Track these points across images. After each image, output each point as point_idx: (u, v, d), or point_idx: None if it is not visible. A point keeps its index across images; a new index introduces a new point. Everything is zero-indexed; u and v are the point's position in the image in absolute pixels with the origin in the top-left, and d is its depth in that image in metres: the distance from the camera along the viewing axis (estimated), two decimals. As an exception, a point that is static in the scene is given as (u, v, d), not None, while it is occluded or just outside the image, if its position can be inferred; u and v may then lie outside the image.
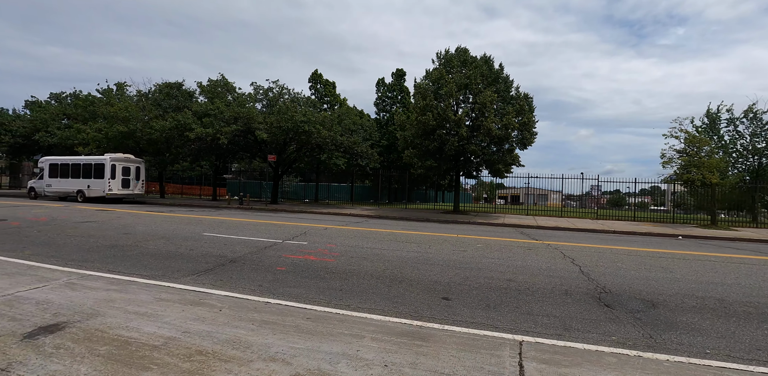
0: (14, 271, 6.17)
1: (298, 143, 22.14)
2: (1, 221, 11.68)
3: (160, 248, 8.37)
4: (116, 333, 3.91)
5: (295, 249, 8.62)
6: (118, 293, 5.17)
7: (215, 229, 11.51)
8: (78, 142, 25.19)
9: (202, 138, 20.53)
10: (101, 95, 29.57)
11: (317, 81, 30.98)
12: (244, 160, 29.91)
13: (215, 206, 22.51)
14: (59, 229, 10.57)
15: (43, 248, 7.99)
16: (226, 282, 5.95)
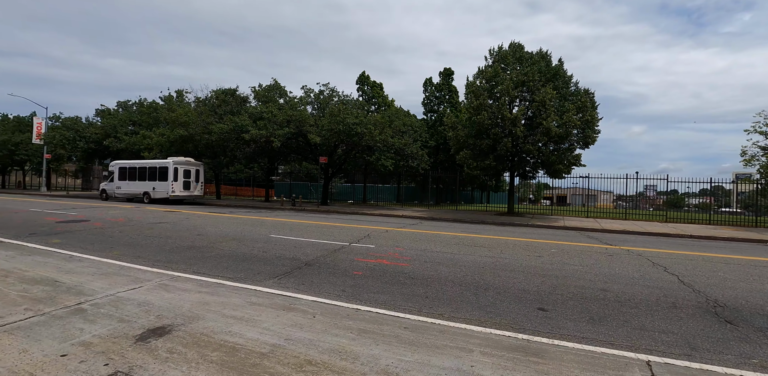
0: (109, 271, 6.46)
1: (349, 145, 22.26)
2: (85, 222, 12.48)
3: (234, 249, 8.54)
4: (221, 338, 3.90)
5: (364, 252, 8.51)
6: (210, 296, 5.24)
7: (280, 231, 11.68)
8: (143, 146, 26.75)
9: (257, 140, 21.12)
10: (163, 102, 31.29)
11: (364, 83, 31.13)
12: (294, 162, 30.56)
13: (269, 207, 23.09)
14: (137, 230, 11.11)
15: (128, 249, 8.37)
16: (309, 286, 5.89)
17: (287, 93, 25.04)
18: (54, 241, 9.06)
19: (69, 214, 15.04)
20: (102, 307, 4.73)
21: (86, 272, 6.31)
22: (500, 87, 19.16)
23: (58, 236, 9.80)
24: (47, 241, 9.04)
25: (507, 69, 20.99)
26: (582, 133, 18.67)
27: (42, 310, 4.57)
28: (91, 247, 8.45)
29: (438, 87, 31.90)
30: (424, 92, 32.27)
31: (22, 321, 4.25)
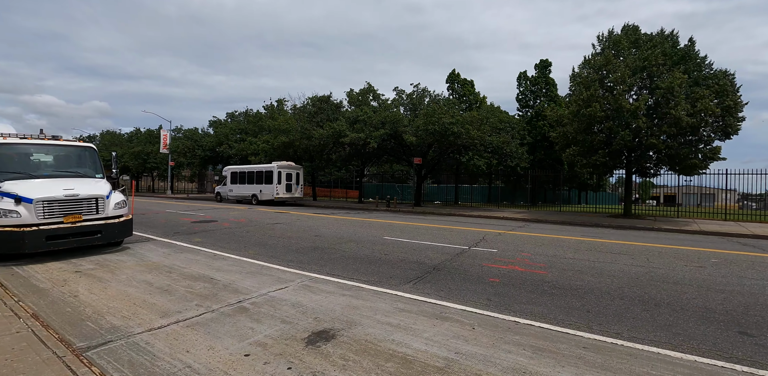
0: (252, 270, 6.84)
1: (444, 145, 21.84)
2: (213, 222, 13.72)
3: (355, 251, 8.62)
4: (388, 347, 3.76)
5: (489, 257, 8.04)
6: (356, 300, 5.21)
7: (390, 233, 11.67)
8: (250, 152, 29.09)
9: (355, 143, 21.69)
10: (265, 111, 33.77)
11: (454, 81, 30.46)
12: (385, 163, 30.95)
13: (364, 208, 23.56)
14: (260, 230, 11.87)
15: (260, 248, 8.89)
16: (449, 293, 5.61)
17: (380, 96, 25.43)
18: (196, 239, 9.99)
19: (198, 214, 16.73)
20: (261, 306, 4.92)
21: (233, 271, 6.75)
22: (614, 75, 17.29)
23: (197, 235, 10.81)
24: (190, 239, 10.00)
25: (620, 55, 18.92)
26: (720, 121, 16.06)
27: (210, 307, 4.89)
28: (227, 246, 9.14)
29: (534, 80, 30.04)
30: (518, 87, 30.60)
31: (197, 317, 4.55)
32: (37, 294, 5.34)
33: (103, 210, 8.15)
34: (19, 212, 7.12)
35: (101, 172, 9.14)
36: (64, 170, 8.60)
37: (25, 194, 7.22)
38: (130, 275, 6.41)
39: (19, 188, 7.34)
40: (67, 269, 6.74)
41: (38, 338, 3.62)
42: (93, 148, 9.30)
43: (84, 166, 9.00)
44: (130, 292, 5.49)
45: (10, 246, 6.95)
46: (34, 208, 7.22)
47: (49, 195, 7.41)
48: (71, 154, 8.95)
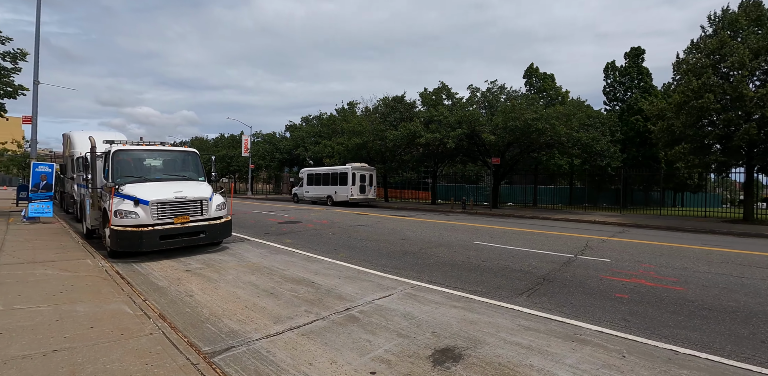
0: (350, 275, 6.70)
1: (525, 143, 20.62)
2: (298, 223, 14.07)
3: (449, 257, 8.19)
4: (530, 375, 3.28)
5: (605, 268, 7.18)
6: (470, 313, 4.79)
7: (479, 237, 11.08)
8: (324, 154, 29.87)
9: (431, 143, 21.26)
10: (337, 114, 34.56)
11: (532, 75, 28.81)
12: (459, 164, 30.11)
13: (438, 210, 23.01)
14: (344, 232, 11.89)
15: (350, 251, 8.80)
16: (574, 310, 4.96)
17: (454, 94, 24.75)
18: (286, 240, 10.20)
19: (282, 215, 17.35)
20: (370, 316, 4.68)
21: (332, 275, 6.65)
22: (731, 59, 15.05)
23: (287, 236, 11.05)
24: (281, 240, 10.23)
25: (738, 36, 16.49)
26: None
27: (320, 314, 4.74)
28: (318, 248, 9.17)
29: (623, 71, 27.41)
30: (606, 78, 28.11)
31: (309, 325, 4.41)
32: (157, 292, 5.59)
33: (207, 211, 8.55)
34: (138, 213, 7.66)
35: (203, 176, 9.64)
36: (172, 174, 9.18)
37: (142, 196, 7.76)
38: (235, 275, 6.56)
39: (136, 191, 7.91)
40: (178, 268, 7.09)
41: (170, 342, 3.65)
42: (195, 153, 9.85)
43: (188, 170, 9.55)
44: (239, 294, 5.55)
45: (130, 244, 7.49)
46: (150, 209, 7.73)
47: (162, 197, 7.90)
48: (177, 158, 9.54)
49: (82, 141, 16.70)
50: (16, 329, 3.81)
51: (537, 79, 28.63)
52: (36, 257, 7.02)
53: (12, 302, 4.53)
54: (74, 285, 5.34)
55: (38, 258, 6.97)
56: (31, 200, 12.42)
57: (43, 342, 3.53)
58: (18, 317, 4.13)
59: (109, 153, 8.54)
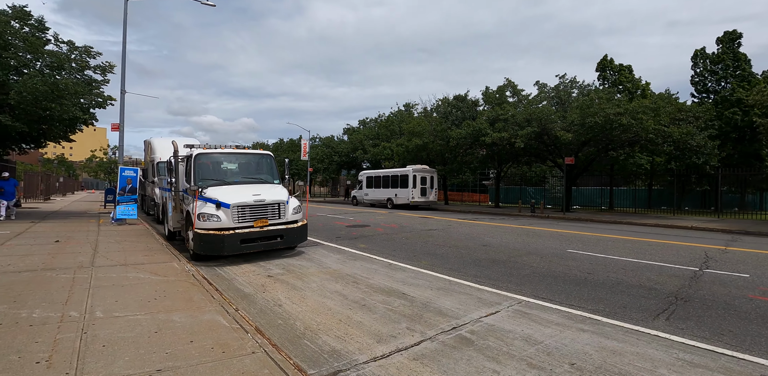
0: (441, 285, 6.10)
1: (604, 141, 18.93)
2: (367, 226, 13.73)
3: (546, 267, 7.35)
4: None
5: (749, 286, 6.02)
6: (604, 339, 4.00)
7: (569, 244, 10.06)
8: (383, 157, 29.62)
9: (497, 143, 20.18)
10: (394, 116, 34.24)
11: (606, 68, 26.65)
12: (525, 164, 28.53)
13: (505, 213, 21.79)
14: (418, 236, 11.33)
15: (432, 258, 8.21)
16: (738, 340, 4.02)
17: (520, 91, 23.42)
18: (360, 245, 9.82)
19: (348, 218, 17.17)
20: (485, 338, 4.04)
21: (421, 285, 6.09)
22: None
23: (359, 240, 10.69)
24: (355, 245, 9.87)
25: None
26: None
27: (425, 333, 4.18)
28: (396, 254, 8.67)
29: (715, 58, 24.50)
30: (694, 68, 25.31)
31: (418, 346, 3.86)
32: (245, 300, 5.33)
33: (284, 215, 8.36)
34: (219, 216, 7.59)
35: (278, 178, 9.52)
36: (249, 177, 9.13)
37: (224, 199, 7.69)
38: (319, 283, 6.20)
39: (217, 194, 7.86)
40: (259, 273, 6.88)
41: (275, 363, 3.26)
42: (270, 156, 9.76)
43: (263, 173, 9.47)
44: (329, 304, 5.15)
45: (213, 248, 7.42)
46: (231, 212, 7.64)
47: (242, 200, 7.79)
48: (253, 161, 9.49)
49: (162, 147, 17.61)
50: (117, 341, 3.61)
51: (612, 72, 26.44)
52: (127, 259, 7.13)
53: (111, 309, 4.41)
54: (166, 291, 5.22)
55: (129, 260, 7.07)
56: (118, 203, 13.11)
57: (146, 359, 3.26)
58: (118, 326, 3.97)
59: (191, 157, 8.62)
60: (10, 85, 12.86)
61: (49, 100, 12.84)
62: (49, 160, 52.87)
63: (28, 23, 14.14)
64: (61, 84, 13.18)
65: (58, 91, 13.23)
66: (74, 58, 14.54)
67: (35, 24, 14.29)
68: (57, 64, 13.79)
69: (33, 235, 9.89)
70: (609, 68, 26.57)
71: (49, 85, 12.75)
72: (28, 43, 13.09)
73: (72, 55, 14.61)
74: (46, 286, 5.21)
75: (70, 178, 55.19)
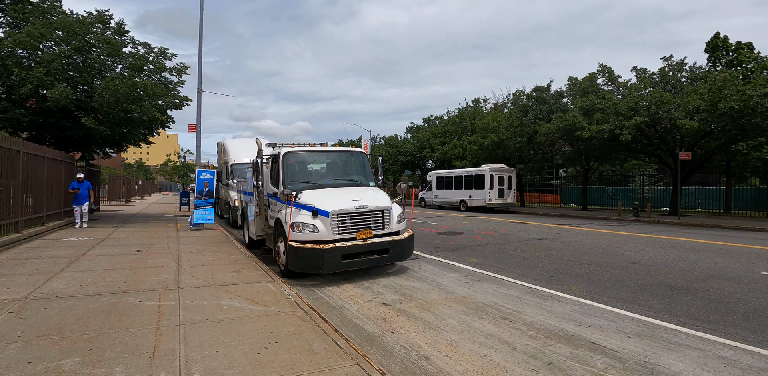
0: (637, 330, 4.27)
1: (736, 131, 15.80)
2: (460, 234, 12.07)
3: (760, 299, 5.26)
4: None
5: None
6: None
7: (753, 262, 7.76)
8: (454, 156, 27.73)
9: (596, 136, 17.62)
10: (466, 112, 32.16)
11: (718, 47, 22.81)
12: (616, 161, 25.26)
13: (601, 216, 19.07)
14: (533, 248, 9.50)
15: (578, 281, 6.38)
16: None
17: (617, 78, 20.50)
18: (471, 259, 8.18)
19: (431, 223, 15.61)
20: None
21: (606, 327, 4.33)
22: None
23: (464, 252, 9.06)
24: (463, 258, 8.26)
25: None
26: None
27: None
28: (526, 273, 6.95)
29: None
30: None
31: None
32: (374, 345, 3.91)
33: (389, 224, 6.93)
34: (317, 227, 6.31)
35: (372, 180, 8.14)
36: (341, 178, 7.83)
37: (321, 206, 6.40)
38: (458, 318, 4.66)
39: (313, 199, 6.59)
40: (371, 299, 5.48)
41: None
42: (363, 153, 8.42)
43: (356, 173, 8.12)
44: (496, 360, 3.58)
45: (310, 264, 6.15)
46: (330, 222, 6.33)
47: (342, 207, 6.46)
48: (344, 160, 8.18)
49: (236, 148, 17.09)
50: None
51: (726, 52, 22.58)
52: (215, 277, 6.04)
53: (214, 368, 3.13)
54: (275, 333, 3.91)
55: (217, 279, 5.97)
56: (195, 207, 12.52)
57: None
58: (228, 405, 2.65)
59: (279, 156, 7.47)
60: (93, 89, 12.72)
61: (130, 102, 12.53)
62: (129, 165, 56.68)
63: (110, 27, 14.08)
64: (140, 85, 12.87)
65: (138, 93, 12.94)
66: (151, 60, 14.31)
67: (116, 27, 14.20)
68: (137, 65, 13.54)
69: (115, 242, 9.31)
70: (723, 47, 22.72)
71: (130, 86, 12.44)
72: (110, 46, 12.90)
73: (149, 57, 14.40)
74: (128, 321, 4.11)
75: (148, 181, 58.83)
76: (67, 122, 13.22)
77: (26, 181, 9.60)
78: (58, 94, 10.89)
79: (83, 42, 12.56)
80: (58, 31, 12.12)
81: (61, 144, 14.26)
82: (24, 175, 9.35)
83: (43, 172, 10.72)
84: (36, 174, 10.34)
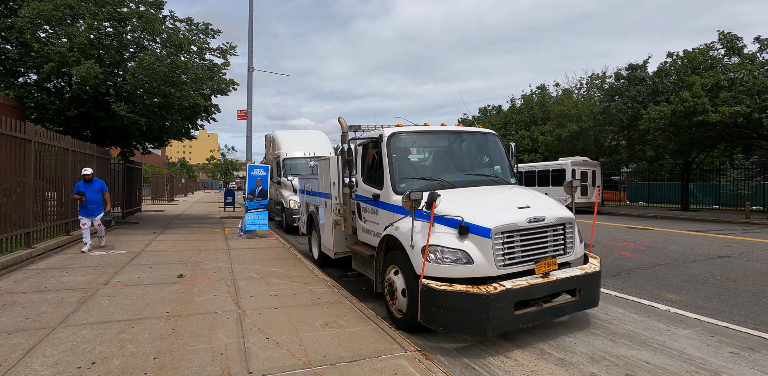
0: None
1: None
2: (587, 247, 9.17)
3: None
4: None
5: None
6: None
7: None
8: (522, 148, 24.51)
9: (724, 122, 14.10)
10: (523, 101, 28.78)
11: None
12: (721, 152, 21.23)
13: (721, 219, 15.46)
14: (739, 273, 6.51)
15: None
16: None
17: (741, 48, 16.67)
18: (668, 296, 5.35)
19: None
20: None
21: None
22: None
23: (634, 280, 6.23)
24: (652, 293, 5.44)
25: None
26: None
27: None
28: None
29: None
30: None
31: None
32: None
33: (572, 246, 4.25)
34: (469, 254, 3.71)
35: (514, 175, 5.46)
36: (472, 173, 5.20)
37: (473, 218, 3.79)
38: None
39: (455, 207, 3.99)
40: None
41: None
42: (496, 136, 5.74)
43: (489, 165, 5.49)
44: None
45: (464, 322, 3.54)
46: (494, 245, 3.70)
47: (510, 220, 3.82)
48: (471, 146, 5.55)
49: (289, 140, 14.77)
50: None
51: None
52: (304, 343, 3.54)
53: None
54: None
55: (308, 345, 3.47)
56: (247, 210, 10.31)
57: None
58: None
59: (381, 139, 4.92)
60: (126, 69, 10.74)
61: (168, 84, 10.46)
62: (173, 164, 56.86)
63: (146, 1, 12.10)
64: (181, 65, 10.79)
65: (178, 75, 10.88)
66: (193, 39, 12.22)
67: (151, 0, 12.20)
68: (176, 43, 11.47)
69: (151, 259, 7.13)
70: None
71: (167, 65, 10.37)
72: (144, 20, 10.85)
73: (191, 36, 12.34)
74: None
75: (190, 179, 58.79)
76: (99, 112, 11.36)
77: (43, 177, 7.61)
78: (84, 72, 8.89)
79: (114, 14, 10.58)
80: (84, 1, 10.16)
81: (96, 138, 12.47)
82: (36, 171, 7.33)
83: (67, 169, 8.74)
84: (57, 170, 8.38)
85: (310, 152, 13.83)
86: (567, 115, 21.23)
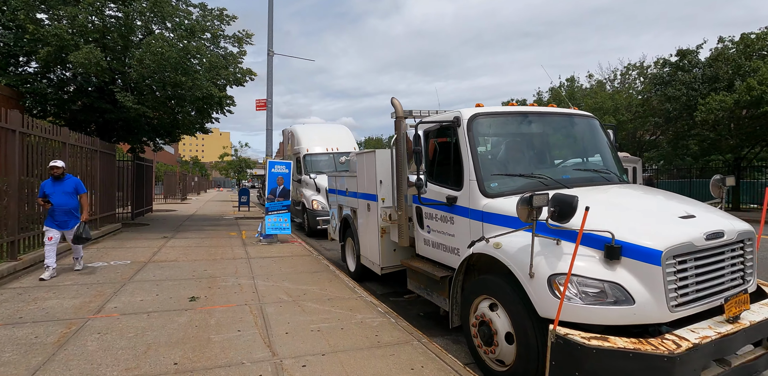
0: None
1: None
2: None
3: None
4: None
5: None
6: None
7: None
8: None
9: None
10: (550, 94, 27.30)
11: None
12: None
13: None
14: None
15: None
16: None
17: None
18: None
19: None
20: None
21: None
22: None
23: None
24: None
25: None
26: None
27: None
28: None
29: None
30: None
31: None
32: None
33: (752, 273, 2.96)
34: (626, 289, 2.45)
35: (622, 171, 4.18)
36: (581, 168, 3.93)
37: (626, 235, 2.52)
38: None
39: (603, 219, 2.70)
40: None
41: None
42: (597, 121, 4.45)
43: (592, 156, 4.22)
44: None
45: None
46: (665, 274, 2.43)
47: (683, 237, 2.55)
48: (571, 133, 4.29)
49: (309, 136, 13.48)
50: None
51: None
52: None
53: None
54: None
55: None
56: (267, 212, 9.16)
57: None
58: None
59: (459, 123, 3.67)
60: (132, 55, 9.64)
61: (179, 72, 9.35)
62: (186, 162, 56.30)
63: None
64: (193, 51, 9.67)
65: (190, 61, 9.78)
66: (207, 25, 11.09)
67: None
68: (188, 27, 10.34)
69: (158, 273, 6.00)
70: None
71: (178, 50, 9.25)
72: (153, 0, 9.73)
73: (205, 21, 11.21)
74: None
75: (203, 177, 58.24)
76: (104, 103, 10.30)
77: (35, 176, 6.52)
78: (83, 58, 7.78)
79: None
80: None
81: (102, 132, 11.44)
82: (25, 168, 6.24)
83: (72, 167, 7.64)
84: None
85: (332, 148, 12.61)
86: (602, 108, 19.69)
